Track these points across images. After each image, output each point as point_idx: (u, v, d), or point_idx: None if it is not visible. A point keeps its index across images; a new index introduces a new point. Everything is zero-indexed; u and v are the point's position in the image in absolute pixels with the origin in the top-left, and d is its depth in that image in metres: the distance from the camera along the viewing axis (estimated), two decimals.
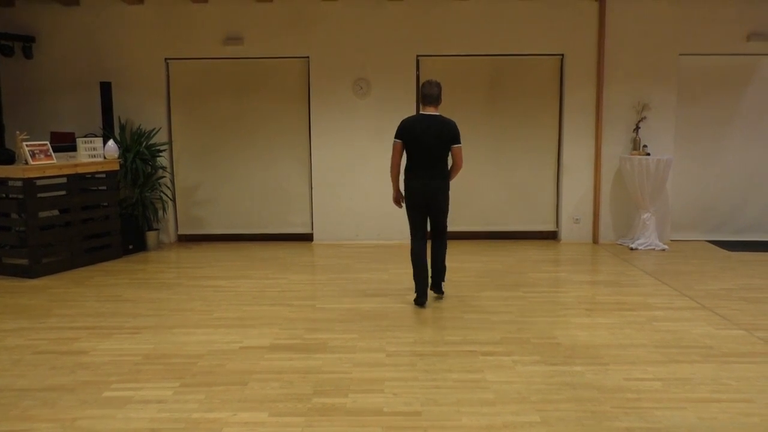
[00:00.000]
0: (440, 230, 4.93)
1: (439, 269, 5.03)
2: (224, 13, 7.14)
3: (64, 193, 6.16)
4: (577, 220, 7.38)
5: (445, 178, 4.79)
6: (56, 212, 6.31)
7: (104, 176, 6.51)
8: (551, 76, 7.31)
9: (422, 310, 4.76)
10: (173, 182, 7.49)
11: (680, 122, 7.27)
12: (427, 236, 4.91)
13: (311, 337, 4.19)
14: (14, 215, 5.92)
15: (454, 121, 4.77)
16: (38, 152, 5.88)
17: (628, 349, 3.93)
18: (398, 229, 6.91)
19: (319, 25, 7.16)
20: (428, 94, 4.71)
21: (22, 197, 5.75)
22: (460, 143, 4.74)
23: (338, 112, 7.30)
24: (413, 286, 4.95)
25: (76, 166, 6.20)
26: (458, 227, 7.27)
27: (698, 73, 7.23)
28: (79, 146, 6.40)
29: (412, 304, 4.88)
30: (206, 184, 7.54)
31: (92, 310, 4.82)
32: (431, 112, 4.73)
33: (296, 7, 7.12)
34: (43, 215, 6.02)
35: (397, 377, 3.51)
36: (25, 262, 5.83)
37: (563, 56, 7.22)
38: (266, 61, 7.31)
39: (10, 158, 6.31)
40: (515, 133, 7.39)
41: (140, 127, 7.17)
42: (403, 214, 5.01)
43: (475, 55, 7.22)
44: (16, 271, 5.89)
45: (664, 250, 6.87)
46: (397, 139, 4.76)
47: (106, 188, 6.59)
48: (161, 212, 7.21)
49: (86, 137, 6.59)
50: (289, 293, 5.28)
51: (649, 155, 6.94)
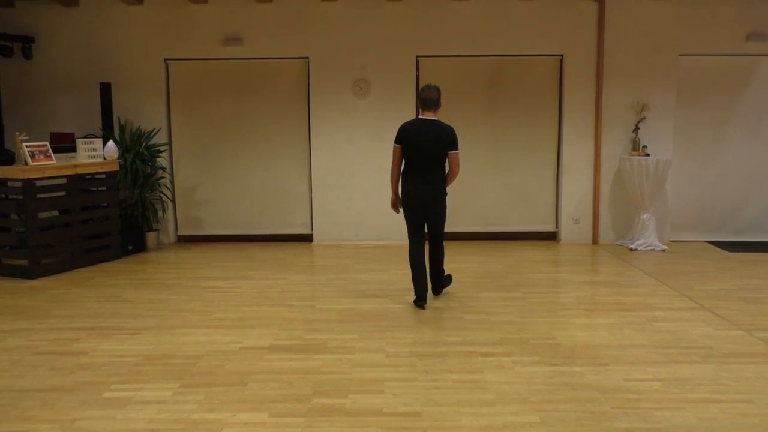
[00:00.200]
0: (437, 234, 4.93)
1: (438, 277, 5.04)
2: (224, 13, 7.14)
3: (63, 193, 6.16)
4: (576, 220, 7.38)
5: (442, 182, 4.78)
6: (56, 213, 6.31)
7: (104, 177, 6.51)
8: (551, 76, 7.31)
9: (421, 310, 4.76)
10: (173, 183, 7.49)
11: (680, 122, 7.27)
12: (424, 238, 4.92)
13: (311, 337, 4.19)
14: (14, 216, 5.93)
15: (452, 126, 4.76)
16: (38, 153, 5.88)
17: (627, 349, 3.93)
18: (398, 229, 6.91)
19: (318, 25, 7.16)
20: (427, 98, 4.70)
21: (21, 198, 5.75)
22: (457, 149, 4.72)
23: (338, 112, 7.30)
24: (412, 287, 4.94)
25: (75, 166, 6.20)
26: (458, 227, 7.28)
27: (698, 73, 7.24)
28: (78, 147, 6.40)
29: (411, 304, 4.88)
30: (206, 184, 7.54)
31: (92, 310, 4.82)
32: (430, 116, 4.72)
33: (296, 7, 7.13)
34: (42, 216, 6.01)
35: (396, 378, 3.51)
36: (24, 262, 5.83)
37: (563, 56, 7.22)
38: (266, 61, 7.31)
39: (9, 159, 6.32)
40: (515, 133, 7.39)
41: (140, 127, 7.17)
42: (402, 215, 5.01)
43: (474, 55, 7.22)
44: (15, 271, 5.89)
45: (663, 250, 6.87)
46: (396, 143, 4.76)
47: (105, 189, 6.59)
48: (161, 213, 7.21)
49: (86, 138, 6.60)
50: (288, 294, 5.28)
51: (648, 155, 6.94)
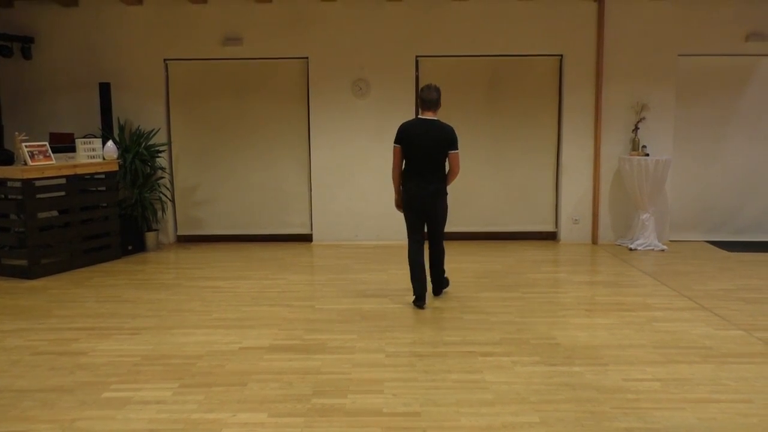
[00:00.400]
0: (437, 235, 4.92)
1: (439, 278, 5.04)
2: (223, 13, 7.14)
3: (63, 193, 6.16)
4: (576, 220, 7.38)
5: (442, 182, 4.78)
6: (55, 213, 6.31)
7: (103, 177, 6.51)
8: (550, 76, 7.31)
9: (421, 310, 4.76)
10: (172, 183, 7.49)
11: (679, 123, 7.27)
12: (424, 238, 4.91)
13: (310, 337, 4.19)
14: (13, 216, 5.92)
15: (452, 126, 4.76)
16: (37, 153, 5.88)
17: (627, 349, 3.93)
18: (397, 229, 6.91)
19: (318, 25, 7.16)
20: (427, 98, 4.70)
21: (21, 198, 5.75)
22: (457, 149, 4.72)
23: (337, 112, 7.30)
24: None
25: (75, 166, 6.19)
26: (457, 228, 7.27)
27: (697, 73, 7.24)
28: (78, 147, 6.40)
29: (411, 304, 4.88)
30: (205, 184, 7.54)
31: (91, 310, 4.82)
32: (429, 116, 4.72)
33: (295, 7, 7.13)
34: (42, 216, 6.01)
35: (396, 378, 3.51)
36: (24, 263, 5.83)
37: (562, 56, 7.22)
38: (265, 61, 7.31)
39: (9, 159, 6.31)
40: (514, 133, 7.39)
41: (139, 127, 7.17)
42: (402, 214, 5.01)
43: (474, 55, 7.22)
44: (15, 271, 5.89)
45: (663, 250, 6.87)
46: (396, 143, 4.76)
47: (105, 189, 6.59)
48: (160, 213, 7.20)
49: (85, 138, 6.59)
50: (288, 294, 5.28)
51: (648, 155, 6.95)
